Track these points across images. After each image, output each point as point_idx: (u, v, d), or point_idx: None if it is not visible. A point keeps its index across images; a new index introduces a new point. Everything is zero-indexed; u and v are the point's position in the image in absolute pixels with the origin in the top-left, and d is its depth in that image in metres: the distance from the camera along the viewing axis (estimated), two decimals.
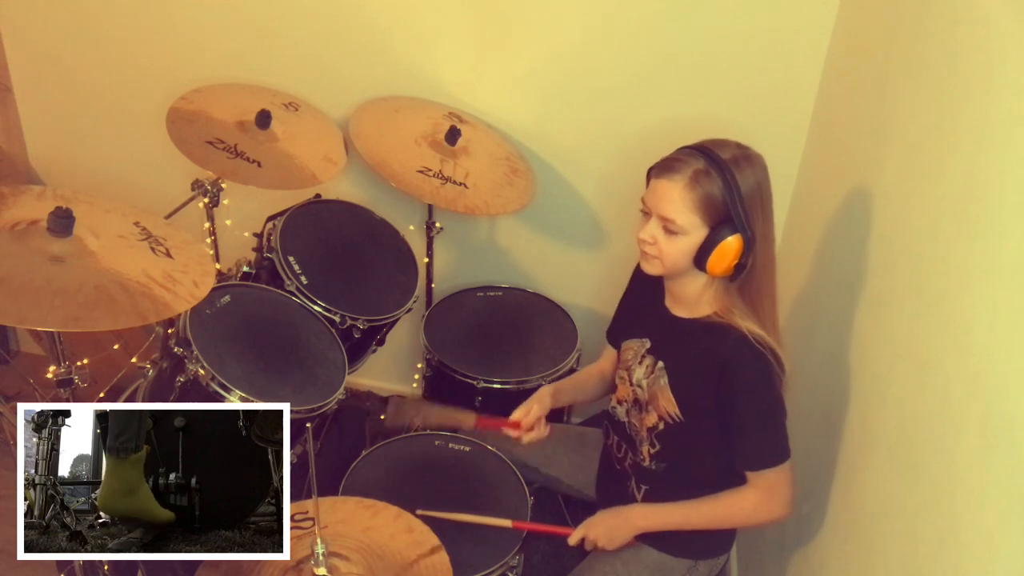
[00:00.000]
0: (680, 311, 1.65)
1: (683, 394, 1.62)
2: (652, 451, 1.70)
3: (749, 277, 1.52)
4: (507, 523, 1.74)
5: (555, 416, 1.88)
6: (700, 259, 1.51)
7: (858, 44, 1.92)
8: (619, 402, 1.77)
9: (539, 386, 2.15)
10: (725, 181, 1.46)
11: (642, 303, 1.73)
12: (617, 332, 1.84)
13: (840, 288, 1.72)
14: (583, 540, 1.72)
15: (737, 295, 1.55)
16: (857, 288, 1.64)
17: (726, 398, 1.56)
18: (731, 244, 1.48)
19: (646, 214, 1.55)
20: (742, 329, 1.53)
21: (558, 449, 1.95)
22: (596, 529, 1.71)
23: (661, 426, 1.66)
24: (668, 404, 1.63)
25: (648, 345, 1.69)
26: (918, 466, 1.26)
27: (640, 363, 1.69)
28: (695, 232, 1.50)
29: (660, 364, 1.65)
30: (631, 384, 1.72)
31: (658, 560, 1.75)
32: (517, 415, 1.81)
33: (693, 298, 1.61)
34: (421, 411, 1.94)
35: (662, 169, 1.52)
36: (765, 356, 1.52)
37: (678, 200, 1.49)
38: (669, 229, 1.51)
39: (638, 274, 1.75)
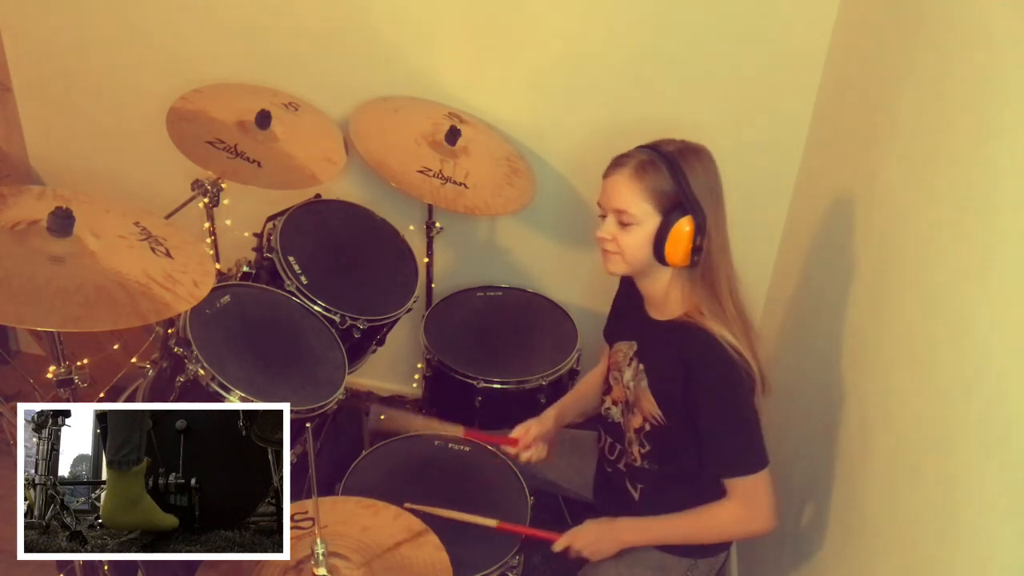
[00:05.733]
0: (655, 313, 1.67)
1: (660, 396, 1.63)
2: (642, 451, 1.70)
3: (707, 265, 1.54)
4: (493, 523, 1.73)
5: None
6: (658, 249, 1.54)
7: (858, 45, 1.92)
8: (614, 403, 1.78)
9: (539, 386, 2.17)
10: (671, 167, 1.51)
11: (629, 306, 1.75)
12: (611, 332, 1.86)
13: (840, 288, 1.72)
14: (567, 548, 1.72)
15: (701, 289, 1.57)
16: (857, 288, 1.64)
17: (692, 399, 1.57)
18: (684, 226, 1.51)
19: (603, 216, 1.60)
20: (707, 330, 1.54)
21: (553, 453, 1.95)
22: (582, 539, 1.71)
23: (647, 427, 1.67)
24: (650, 406, 1.64)
25: (636, 348, 1.71)
26: (918, 466, 1.26)
27: (629, 365, 1.71)
28: (648, 220, 1.54)
29: (641, 367, 1.66)
30: (623, 385, 1.73)
31: (659, 559, 1.75)
32: (516, 432, 1.84)
33: (661, 296, 1.63)
34: (405, 421, 1.95)
35: (610, 167, 1.59)
36: (728, 356, 1.53)
37: (626, 191, 1.54)
38: (623, 221, 1.56)
39: (626, 278, 1.77)
